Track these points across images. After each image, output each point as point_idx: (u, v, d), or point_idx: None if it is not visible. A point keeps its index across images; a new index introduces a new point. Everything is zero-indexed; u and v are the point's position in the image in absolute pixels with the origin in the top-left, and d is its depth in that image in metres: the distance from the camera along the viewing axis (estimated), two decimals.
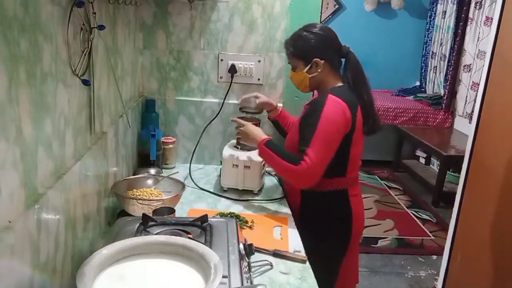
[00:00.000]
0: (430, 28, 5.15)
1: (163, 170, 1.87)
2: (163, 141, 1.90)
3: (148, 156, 1.75)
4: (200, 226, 1.11)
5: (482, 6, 4.17)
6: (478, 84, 2.17)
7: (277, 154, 1.45)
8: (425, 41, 5.26)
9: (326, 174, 1.43)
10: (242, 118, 1.76)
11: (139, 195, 1.45)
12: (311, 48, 1.50)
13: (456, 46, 4.51)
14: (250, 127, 1.60)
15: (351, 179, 1.54)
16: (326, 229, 1.54)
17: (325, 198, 1.51)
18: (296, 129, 1.53)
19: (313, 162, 1.37)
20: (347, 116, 1.42)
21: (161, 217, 1.20)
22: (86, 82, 1.06)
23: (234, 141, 1.83)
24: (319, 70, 1.50)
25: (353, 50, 1.54)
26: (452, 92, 4.62)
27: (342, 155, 1.46)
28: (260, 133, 1.56)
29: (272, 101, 1.80)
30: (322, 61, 1.49)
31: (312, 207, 1.57)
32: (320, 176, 1.41)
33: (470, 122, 2.09)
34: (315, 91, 1.63)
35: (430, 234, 3.50)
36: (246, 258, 1.10)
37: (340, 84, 1.51)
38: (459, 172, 2.17)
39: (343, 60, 1.55)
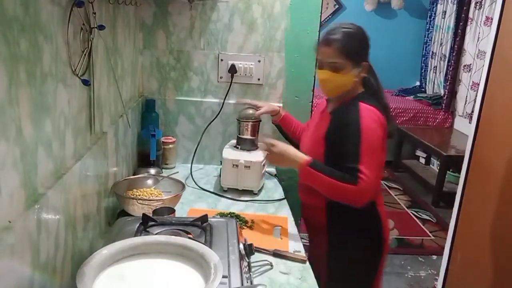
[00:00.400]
0: (430, 28, 5.15)
1: (163, 170, 1.87)
2: (163, 141, 1.90)
3: (148, 156, 1.75)
4: (200, 226, 1.11)
5: (482, 6, 4.17)
6: (478, 84, 2.17)
7: (329, 176, 1.30)
8: (425, 41, 5.26)
9: None
10: (244, 118, 1.76)
11: (139, 195, 1.45)
12: (363, 49, 1.40)
13: (456, 46, 4.51)
14: (283, 146, 1.40)
15: (378, 190, 1.46)
16: (360, 243, 1.45)
17: (355, 211, 1.34)
18: (318, 139, 1.43)
19: (370, 179, 1.27)
20: (383, 123, 1.36)
21: (161, 217, 1.20)
22: (86, 82, 1.06)
23: (234, 141, 1.83)
24: (362, 75, 1.40)
25: None
26: (452, 92, 4.62)
27: None
28: (297, 153, 1.38)
29: (274, 107, 1.72)
30: (368, 64, 1.40)
31: (342, 222, 1.45)
32: (377, 189, 1.36)
33: (470, 122, 2.09)
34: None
35: (430, 234, 3.50)
36: (246, 258, 1.10)
37: (361, 90, 1.43)
38: (459, 172, 2.17)
39: None
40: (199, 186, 1.77)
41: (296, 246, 1.37)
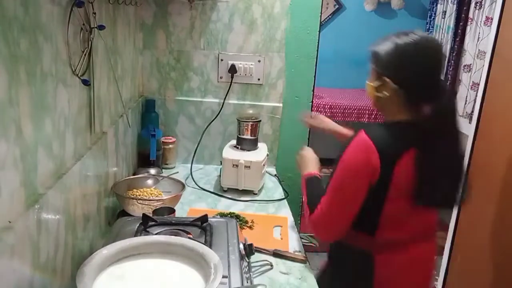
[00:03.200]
0: (430, 28, 5.14)
1: (163, 170, 1.87)
2: (163, 141, 1.90)
3: (148, 156, 1.75)
4: (200, 226, 1.11)
5: (482, 6, 4.17)
6: (478, 84, 2.17)
7: (306, 196, 1.27)
8: None
9: (353, 226, 1.20)
10: (244, 118, 1.76)
11: (139, 195, 1.45)
12: (385, 62, 1.19)
13: (456, 46, 4.51)
14: (305, 153, 1.42)
15: (382, 244, 1.22)
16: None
17: (348, 252, 1.27)
18: None
19: (323, 212, 1.19)
20: (372, 162, 1.13)
21: (161, 217, 1.20)
22: (86, 82, 1.06)
23: (234, 141, 1.83)
24: (385, 93, 1.19)
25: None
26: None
27: (369, 210, 1.19)
28: (309, 166, 1.36)
29: (341, 130, 1.60)
30: (395, 86, 1.17)
31: (336, 258, 1.36)
32: (339, 229, 1.20)
33: (470, 122, 2.09)
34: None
35: None
36: (246, 258, 1.10)
37: (400, 119, 1.20)
38: None
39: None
40: (199, 186, 1.77)
41: (296, 246, 1.38)
